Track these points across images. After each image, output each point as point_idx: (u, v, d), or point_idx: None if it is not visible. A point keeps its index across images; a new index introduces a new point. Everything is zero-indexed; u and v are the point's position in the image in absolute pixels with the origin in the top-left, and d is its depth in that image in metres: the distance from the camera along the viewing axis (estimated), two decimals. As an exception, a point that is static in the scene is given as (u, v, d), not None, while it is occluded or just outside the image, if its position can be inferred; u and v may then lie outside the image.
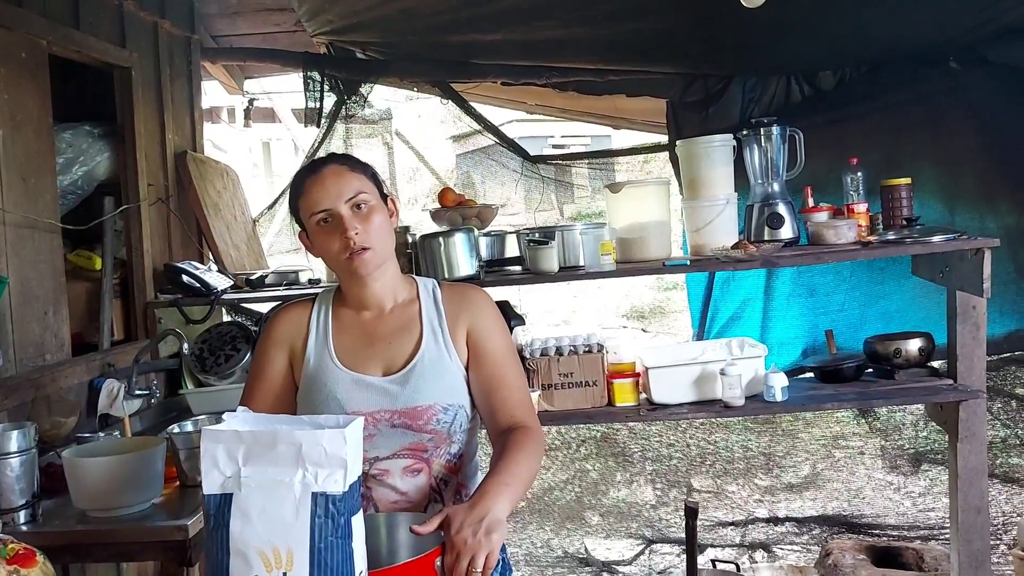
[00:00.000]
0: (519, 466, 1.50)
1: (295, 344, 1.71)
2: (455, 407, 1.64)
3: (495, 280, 2.81)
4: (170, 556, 2.03)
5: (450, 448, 1.67)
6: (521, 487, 1.49)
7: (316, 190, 1.63)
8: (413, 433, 1.62)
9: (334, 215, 1.61)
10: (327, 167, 1.65)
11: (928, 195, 3.45)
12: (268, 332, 1.74)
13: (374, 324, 1.70)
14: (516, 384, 1.69)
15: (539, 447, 1.60)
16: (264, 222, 4.18)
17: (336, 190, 1.62)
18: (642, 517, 4.09)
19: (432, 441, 1.64)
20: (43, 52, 2.73)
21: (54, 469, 2.22)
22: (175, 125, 3.52)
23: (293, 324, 1.73)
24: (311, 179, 1.64)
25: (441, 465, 1.66)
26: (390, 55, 3.86)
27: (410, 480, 1.64)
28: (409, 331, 1.69)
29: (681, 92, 3.80)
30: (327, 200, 1.62)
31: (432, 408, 1.62)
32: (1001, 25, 3.22)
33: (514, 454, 1.53)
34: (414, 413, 1.62)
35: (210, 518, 1.25)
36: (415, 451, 1.64)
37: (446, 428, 1.64)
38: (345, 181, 1.63)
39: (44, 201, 2.71)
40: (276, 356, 1.71)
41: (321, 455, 1.23)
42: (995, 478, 3.64)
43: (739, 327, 3.71)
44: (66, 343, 2.79)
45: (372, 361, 1.67)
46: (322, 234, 1.63)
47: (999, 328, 3.47)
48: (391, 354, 1.67)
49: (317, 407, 1.63)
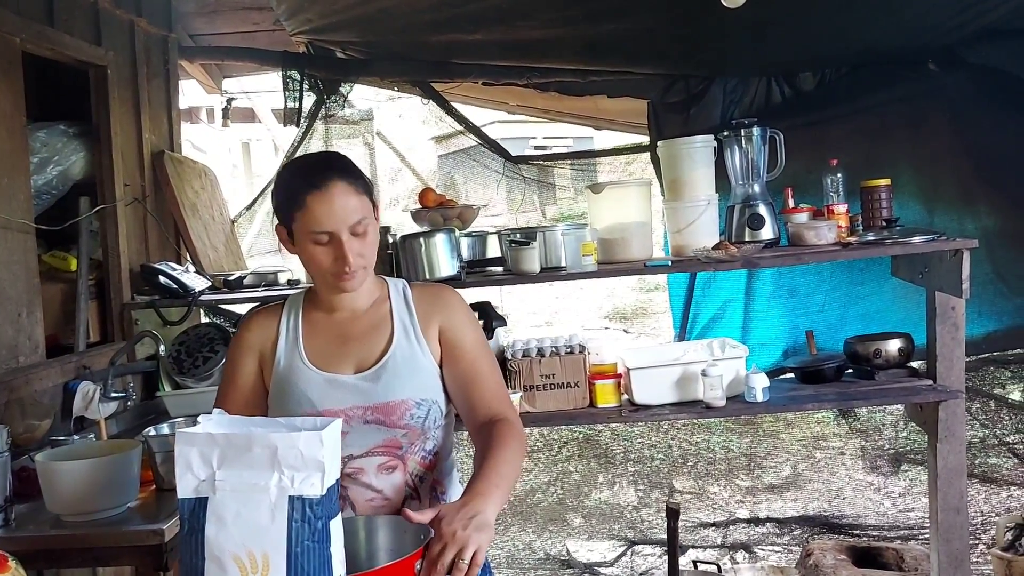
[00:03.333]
0: (506, 466, 1.50)
1: (264, 348, 1.70)
2: (428, 402, 1.64)
3: (476, 281, 2.80)
4: (146, 561, 2.01)
5: (424, 444, 1.66)
6: (509, 487, 1.49)
7: (321, 210, 1.55)
8: (387, 429, 1.62)
9: (335, 238, 1.57)
10: (334, 184, 1.55)
11: (907, 196, 3.46)
12: (238, 339, 1.73)
13: (346, 325, 1.69)
14: (492, 377, 1.69)
15: (522, 442, 1.60)
16: (243, 223, 4.15)
17: (342, 216, 1.55)
18: (624, 518, 4.09)
19: (406, 437, 1.63)
20: (16, 50, 2.69)
21: (27, 473, 2.19)
22: (152, 124, 3.48)
23: (263, 329, 1.72)
24: (315, 195, 1.55)
25: (416, 462, 1.66)
26: (370, 54, 3.84)
27: (385, 478, 1.63)
28: (380, 330, 1.68)
29: (662, 93, 3.80)
30: (331, 223, 1.56)
31: (405, 403, 1.62)
32: (979, 27, 3.25)
33: (500, 452, 1.52)
34: (387, 408, 1.61)
35: (184, 522, 1.23)
36: (389, 448, 1.63)
37: (420, 423, 1.63)
38: (352, 207, 1.56)
39: (17, 201, 2.67)
40: (246, 362, 1.70)
41: (297, 458, 1.21)
42: (974, 478, 3.66)
43: (720, 328, 3.71)
44: (40, 345, 2.75)
45: (344, 360, 1.66)
46: (315, 249, 1.59)
47: (978, 329, 3.50)
48: (363, 352, 1.66)
49: (289, 408, 1.62)
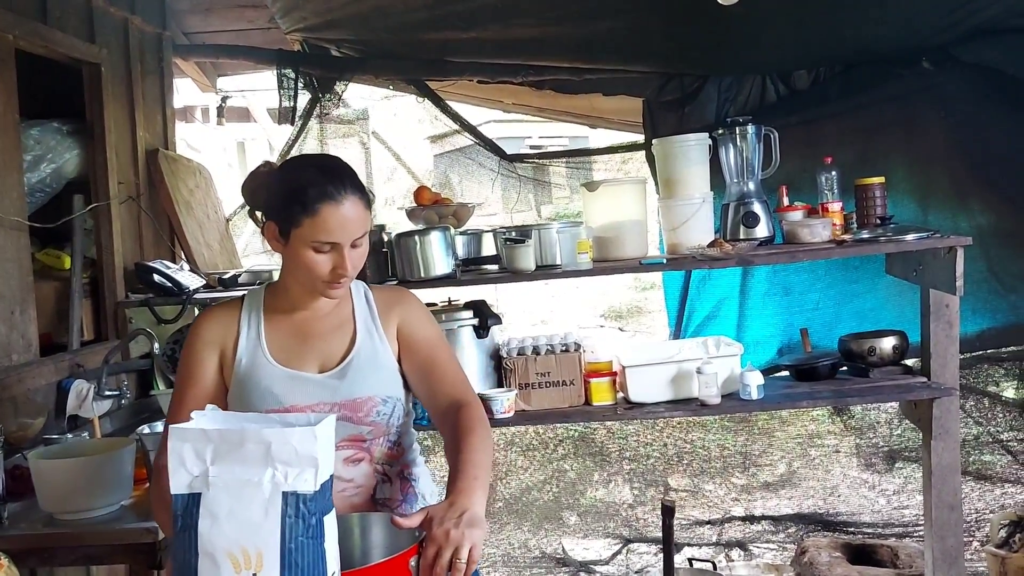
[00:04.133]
0: (479, 454, 1.50)
1: (225, 345, 1.66)
2: (393, 400, 1.66)
3: (472, 279, 2.79)
4: (139, 559, 2.01)
5: (389, 437, 1.69)
6: (487, 475, 1.49)
7: (333, 221, 1.54)
8: (353, 425, 1.63)
9: (337, 248, 1.57)
10: (347, 198, 1.55)
11: (901, 194, 3.47)
12: (196, 334, 1.67)
13: (308, 323, 1.69)
14: (449, 363, 1.71)
15: (485, 424, 1.60)
16: (238, 221, 4.14)
17: (352, 230, 1.56)
18: (619, 516, 4.09)
19: (371, 433, 1.65)
20: (9, 47, 2.68)
21: (20, 471, 2.19)
22: (146, 122, 3.47)
23: (222, 325, 1.67)
24: (330, 206, 1.53)
25: (382, 453, 1.68)
26: (365, 52, 3.84)
27: (352, 468, 1.65)
28: (343, 329, 1.69)
29: (657, 91, 3.81)
30: (339, 236, 1.55)
31: (372, 400, 1.63)
32: (972, 26, 3.26)
33: (470, 441, 1.52)
34: (354, 405, 1.62)
35: (177, 519, 1.22)
36: (354, 442, 1.65)
37: (385, 420, 1.65)
38: (361, 222, 1.57)
39: (11, 199, 2.66)
40: (206, 358, 1.65)
41: (291, 454, 1.20)
42: (968, 475, 3.67)
43: (715, 326, 3.71)
44: (34, 343, 2.75)
45: (307, 358, 1.66)
46: (313, 256, 1.57)
47: (972, 326, 3.50)
48: (326, 352, 1.66)
49: (252, 405, 1.59)
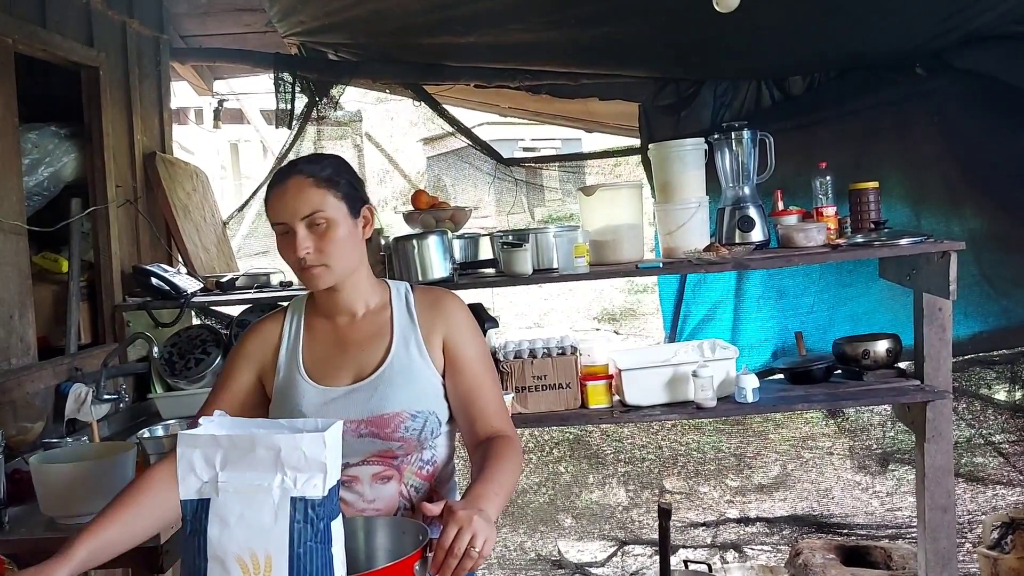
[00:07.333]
0: (505, 475, 1.50)
1: (266, 359, 1.71)
2: (425, 413, 1.63)
3: (469, 282, 2.81)
4: (141, 563, 1.99)
5: (422, 455, 1.65)
6: (507, 496, 1.49)
7: (276, 202, 1.62)
8: (381, 441, 1.62)
9: (290, 230, 1.60)
10: (291, 178, 1.61)
11: (895, 199, 3.50)
12: (240, 347, 1.75)
13: (346, 331, 1.70)
14: (493, 393, 1.69)
15: (520, 458, 1.61)
16: (233, 224, 4.14)
17: (293, 207, 1.59)
18: (615, 519, 4.11)
19: (401, 448, 1.63)
20: (8, 50, 2.68)
21: (20, 476, 2.18)
22: (144, 126, 3.47)
23: (264, 339, 1.73)
24: (276, 189, 1.62)
25: (412, 472, 1.65)
26: (362, 56, 3.85)
27: (379, 487, 1.63)
28: (380, 337, 1.68)
29: (653, 96, 3.82)
30: (284, 215, 1.60)
31: (400, 415, 1.61)
32: (966, 32, 3.28)
33: (499, 463, 1.52)
34: (380, 421, 1.61)
35: (187, 524, 1.23)
36: (384, 457, 1.63)
37: (415, 435, 1.62)
38: (304, 198, 1.59)
39: (9, 202, 2.66)
40: (243, 370, 1.71)
41: (300, 459, 1.21)
42: (960, 477, 3.70)
43: (710, 329, 3.73)
44: (32, 347, 2.74)
45: (341, 370, 1.66)
46: (282, 243, 1.64)
47: (964, 330, 3.53)
48: (362, 362, 1.66)
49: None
